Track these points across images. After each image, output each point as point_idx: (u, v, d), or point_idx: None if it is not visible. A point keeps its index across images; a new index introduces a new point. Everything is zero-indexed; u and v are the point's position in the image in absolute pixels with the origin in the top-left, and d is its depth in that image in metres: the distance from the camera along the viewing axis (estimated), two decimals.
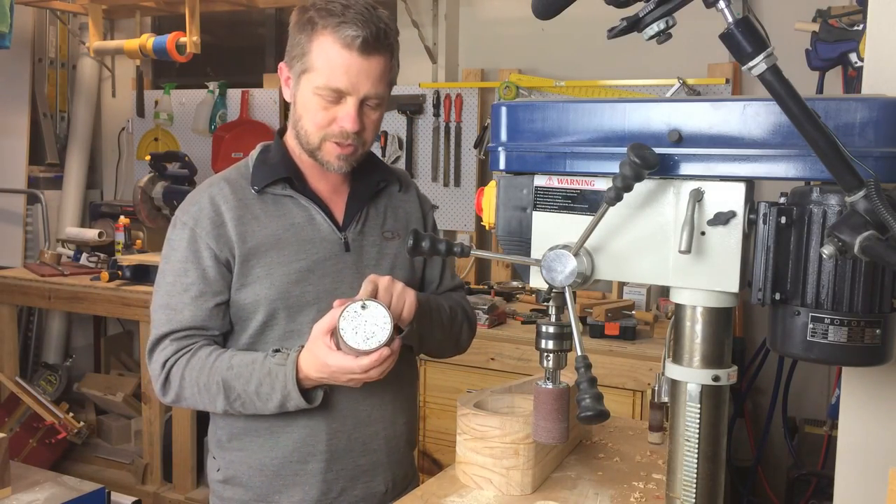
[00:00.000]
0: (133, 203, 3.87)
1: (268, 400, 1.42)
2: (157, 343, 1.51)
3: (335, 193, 1.58)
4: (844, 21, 2.71)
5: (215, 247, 1.48)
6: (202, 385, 1.45)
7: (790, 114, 0.84)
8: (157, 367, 1.49)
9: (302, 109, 1.47)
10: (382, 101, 1.48)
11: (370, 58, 1.41)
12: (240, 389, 1.43)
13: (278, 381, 1.40)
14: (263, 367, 1.42)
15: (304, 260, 1.51)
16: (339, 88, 1.42)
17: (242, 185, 1.53)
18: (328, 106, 1.44)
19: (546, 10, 0.99)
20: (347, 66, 1.40)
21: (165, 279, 1.52)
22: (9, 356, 3.80)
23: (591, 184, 1.08)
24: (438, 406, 3.07)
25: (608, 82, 3.48)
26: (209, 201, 1.51)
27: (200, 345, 1.49)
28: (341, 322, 1.31)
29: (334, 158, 1.48)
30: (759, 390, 3.35)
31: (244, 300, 1.50)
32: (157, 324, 1.52)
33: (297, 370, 1.40)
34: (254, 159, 1.57)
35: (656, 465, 1.58)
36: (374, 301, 1.33)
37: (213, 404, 1.46)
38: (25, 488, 1.76)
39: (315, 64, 1.42)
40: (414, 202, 1.69)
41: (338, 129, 1.44)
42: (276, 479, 1.55)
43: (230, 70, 4.58)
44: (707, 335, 1.03)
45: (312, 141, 1.47)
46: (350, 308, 1.32)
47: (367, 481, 1.59)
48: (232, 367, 1.44)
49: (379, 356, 1.32)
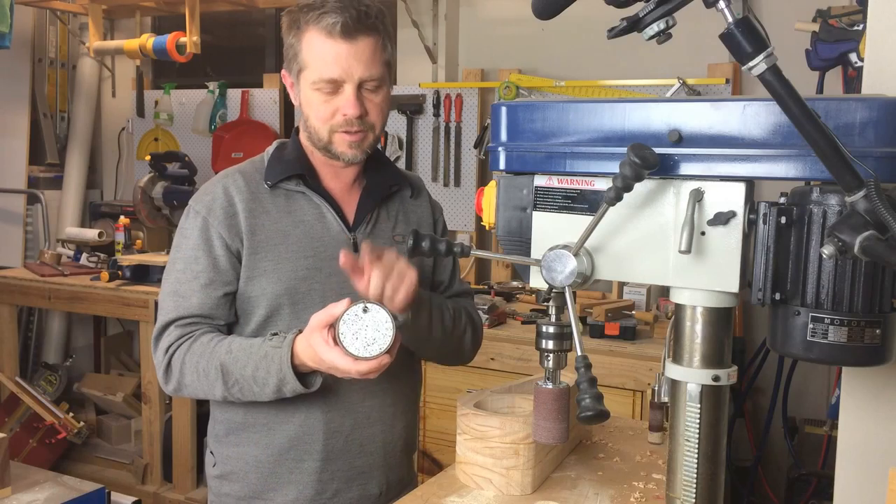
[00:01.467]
0: (133, 203, 3.88)
1: (264, 384, 1.40)
2: (163, 330, 1.50)
3: (348, 194, 1.58)
4: (844, 21, 2.71)
5: (227, 236, 1.49)
6: (202, 370, 1.44)
7: (790, 114, 0.84)
8: (161, 353, 1.49)
9: (307, 108, 1.48)
10: (381, 82, 1.47)
11: (355, 41, 1.41)
12: (237, 374, 1.42)
13: (274, 365, 1.38)
14: (260, 350, 1.41)
15: (311, 257, 1.51)
16: (333, 78, 1.42)
17: (256, 178, 1.54)
18: (328, 98, 1.44)
19: (546, 10, 0.99)
20: (335, 54, 1.41)
21: (176, 266, 1.52)
22: (9, 356, 3.80)
23: (591, 184, 1.08)
24: (438, 406, 3.07)
25: (608, 82, 3.48)
26: (223, 191, 1.52)
27: (203, 331, 1.49)
28: (341, 326, 1.28)
29: (346, 148, 1.47)
30: (759, 390, 3.35)
31: (250, 292, 1.50)
32: (164, 310, 1.52)
33: (293, 355, 1.38)
34: (269, 154, 1.58)
35: (656, 465, 1.58)
36: (376, 304, 1.29)
37: (212, 391, 1.45)
38: (25, 488, 1.76)
39: (307, 60, 1.44)
40: (425, 208, 1.68)
41: (342, 119, 1.45)
42: (272, 477, 1.55)
43: (230, 70, 4.59)
44: (707, 335, 1.03)
45: (322, 136, 1.48)
46: (351, 311, 1.28)
47: (363, 483, 1.58)
48: (231, 352, 1.43)
49: (378, 364, 1.29)
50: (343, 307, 1.30)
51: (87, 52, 4.38)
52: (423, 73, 3.86)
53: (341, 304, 1.30)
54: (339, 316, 1.29)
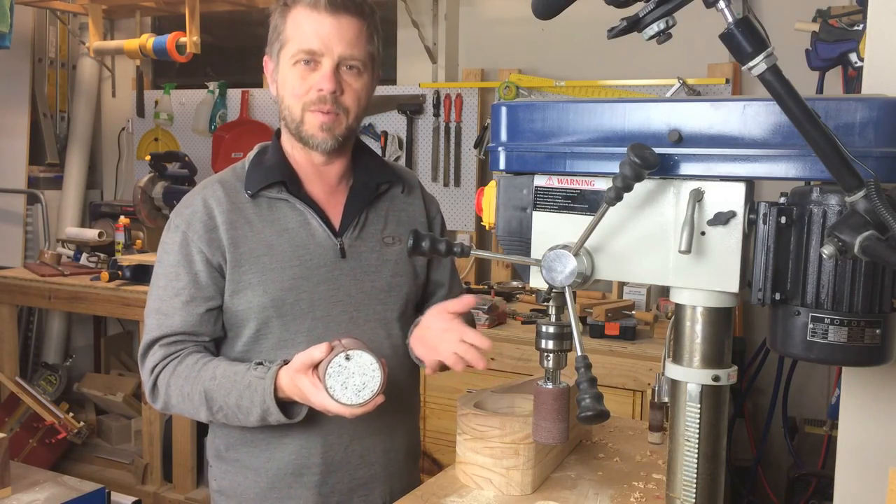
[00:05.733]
0: (133, 203, 3.87)
1: (248, 413, 1.38)
2: (148, 348, 1.48)
3: (332, 196, 1.53)
4: (844, 21, 2.71)
5: (207, 251, 1.45)
6: (186, 394, 1.42)
7: (790, 114, 0.84)
8: (147, 373, 1.47)
9: (282, 88, 1.47)
10: (363, 69, 1.45)
11: (339, 16, 1.41)
12: (221, 401, 1.40)
13: (257, 396, 1.36)
14: (244, 379, 1.38)
15: (297, 266, 1.47)
16: (312, 49, 1.41)
17: (237, 187, 1.50)
18: (305, 74, 1.42)
19: (546, 10, 0.99)
20: (317, 25, 1.40)
21: (158, 283, 1.49)
22: (9, 356, 3.80)
23: (591, 184, 1.08)
24: (438, 406, 3.07)
25: (608, 82, 3.48)
26: (202, 204, 1.48)
27: (189, 351, 1.46)
28: (328, 380, 1.26)
29: (317, 130, 1.44)
30: (759, 390, 3.35)
31: (237, 307, 1.47)
32: (148, 328, 1.49)
33: (277, 388, 1.35)
34: (250, 161, 1.54)
35: (656, 465, 1.58)
36: (357, 350, 1.27)
37: (197, 414, 1.43)
38: (25, 488, 1.76)
39: (289, 35, 1.43)
40: (418, 205, 1.63)
41: (315, 95, 1.42)
42: (271, 492, 1.52)
43: (230, 70, 4.58)
44: (707, 335, 1.03)
45: (295, 114, 1.45)
46: (334, 362, 1.26)
47: (365, 494, 1.56)
48: (215, 378, 1.40)
49: (373, 405, 1.28)
50: (322, 352, 1.28)
51: (87, 52, 4.38)
52: (423, 73, 3.86)
53: (320, 347, 1.28)
54: (323, 366, 1.27)
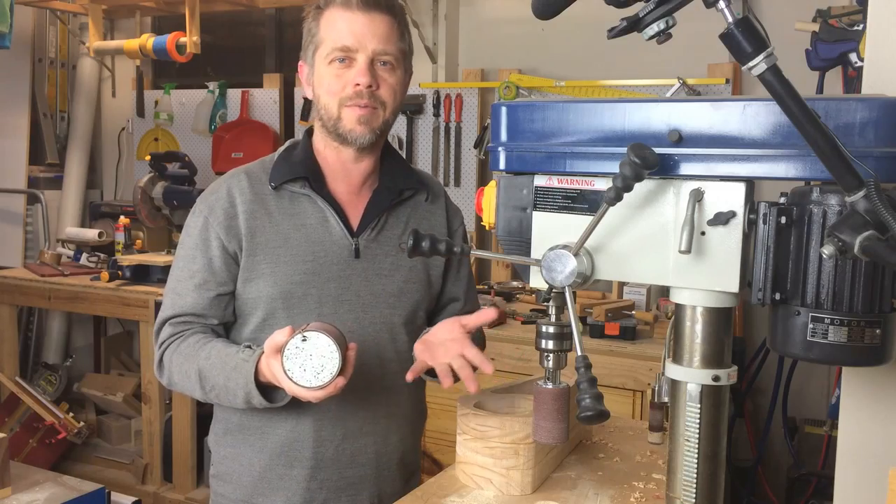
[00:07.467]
0: (133, 203, 3.87)
1: (234, 395, 1.42)
2: (161, 326, 1.54)
3: (355, 197, 1.55)
4: (844, 21, 2.71)
5: (224, 238, 1.49)
6: (185, 372, 1.47)
7: (790, 114, 0.84)
8: (157, 348, 1.53)
9: (319, 88, 1.49)
10: (396, 64, 1.47)
11: (371, 14, 1.44)
12: (213, 381, 1.43)
13: (241, 378, 1.39)
14: (232, 361, 1.41)
15: (310, 262, 1.50)
16: (346, 45, 1.44)
17: (262, 179, 1.53)
18: (340, 72, 1.45)
19: (546, 10, 0.99)
20: (350, 23, 1.44)
21: (178, 264, 1.54)
22: (9, 356, 3.81)
23: (591, 184, 1.08)
24: (438, 406, 3.05)
25: (608, 82, 3.48)
26: (226, 192, 1.52)
27: (193, 331, 1.50)
28: (286, 363, 1.26)
29: (355, 124, 1.46)
30: (759, 390, 3.35)
31: (248, 294, 1.50)
32: (164, 307, 1.55)
33: (259, 372, 1.37)
34: (279, 154, 1.57)
35: (656, 465, 1.58)
36: (314, 332, 1.26)
37: (194, 391, 1.48)
38: (25, 488, 1.76)
39: (323, 36, 1.46)
40: (440, 214, 1.64)
41: (352, 90, 1.44)
42: (262, 481, 1.54)
43: (230, 70, 4.58)
44: (707, 335, 1.03)
45: (332, 111, 1.47)
46: (290, 345, 1.26)
47: (353, 494, 1.57)
48: (209, 358, 1.44)
49: (334, 388, 1.28)
50: (285, 335, 1.28)
51: (87, 52, 4.38)
52: (423, 73, 3.86)
53: (284, 331, 1.30)
54: (282, 348, 1.27)
